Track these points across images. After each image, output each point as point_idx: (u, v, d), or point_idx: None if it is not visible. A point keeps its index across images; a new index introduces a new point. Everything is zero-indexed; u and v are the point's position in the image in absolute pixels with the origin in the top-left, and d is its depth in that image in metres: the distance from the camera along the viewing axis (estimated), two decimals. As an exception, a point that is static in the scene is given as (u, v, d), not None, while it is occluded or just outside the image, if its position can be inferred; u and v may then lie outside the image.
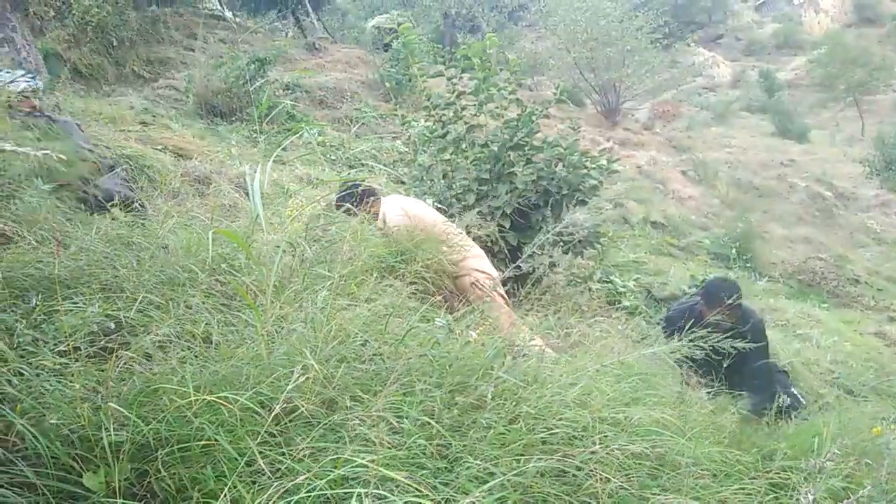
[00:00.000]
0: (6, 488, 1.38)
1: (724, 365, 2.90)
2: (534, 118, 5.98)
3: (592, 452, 1.76)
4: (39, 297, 1.99)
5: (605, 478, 1.68)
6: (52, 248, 2.22)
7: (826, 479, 1.81)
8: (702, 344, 2.52)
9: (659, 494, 1.69)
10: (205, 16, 12.94)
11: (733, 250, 11.34)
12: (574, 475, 1.77)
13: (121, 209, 3.15)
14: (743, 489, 1.80)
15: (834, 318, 9.71)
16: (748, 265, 11.12)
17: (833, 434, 2.48)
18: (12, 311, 1.92)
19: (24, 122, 3.44)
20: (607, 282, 6.26)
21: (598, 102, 20.13)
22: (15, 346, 1.74)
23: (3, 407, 1.52)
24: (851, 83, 30.67)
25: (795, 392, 4.04)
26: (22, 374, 1.63)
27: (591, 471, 1.73)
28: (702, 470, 1.84)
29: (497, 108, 6.16)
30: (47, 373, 1.65)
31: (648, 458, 1.82)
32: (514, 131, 5.99)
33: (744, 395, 2.84)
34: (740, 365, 3.18)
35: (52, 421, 1.51)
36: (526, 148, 6.00)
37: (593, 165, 6.03)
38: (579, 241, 5.66)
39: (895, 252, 14.67)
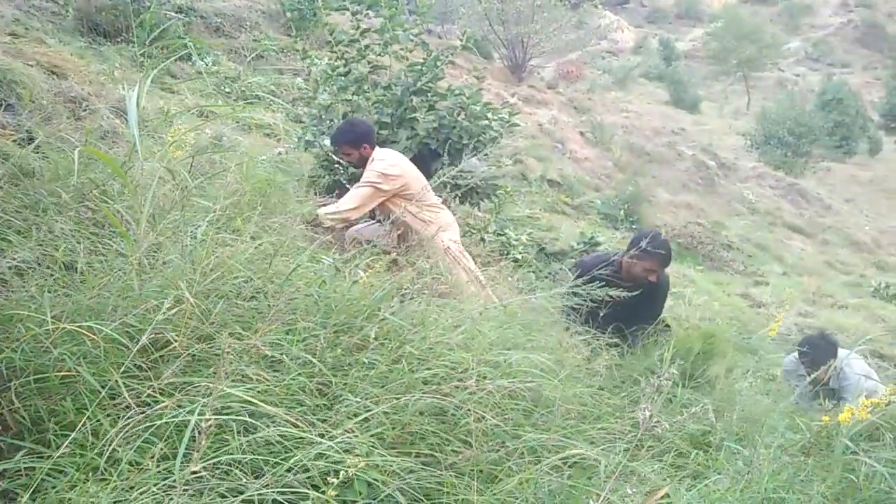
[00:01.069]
0: None
1: (615, 314, 3.01)
2: (439, 63, 5.89)
3: (470, 393, 1.81)
4: None
5: (481, 416, 1.72)
6: None
7: (672, 410, 1.94)
8: (593, 293, 2.58)
9: (531, 432, 1.76)
10: (89, -78, 11.73)
11: (622, 212, 11.87)
12: (453, 414, 1.81)
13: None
14: (608, 428, 1.91)
15: (706, 279, 10.44)
16: (634, 227, 11.68)
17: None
18: None
19: None
20: (501, 234, 6.37)
21: (506, 57, 20.16)
22: None
23: None
24: (742, 58, 32.38)
25: None
26: None
27: (469, 410, 1.77)
28: (572, 410, 1.94)
29: (402, 49, 6.02)
30: None
31: (524, 397, 1.89)
32: (418, 75, 5.88)
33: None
34: (634, 318, 3.29)
35: None
36: (429, 94, 5.92)
37: (495, 118, 6.04)
38: (476, 192, 5.73)
39: (766, 221, 15.86)
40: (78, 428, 1.28)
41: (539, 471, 1.58)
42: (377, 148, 4.18)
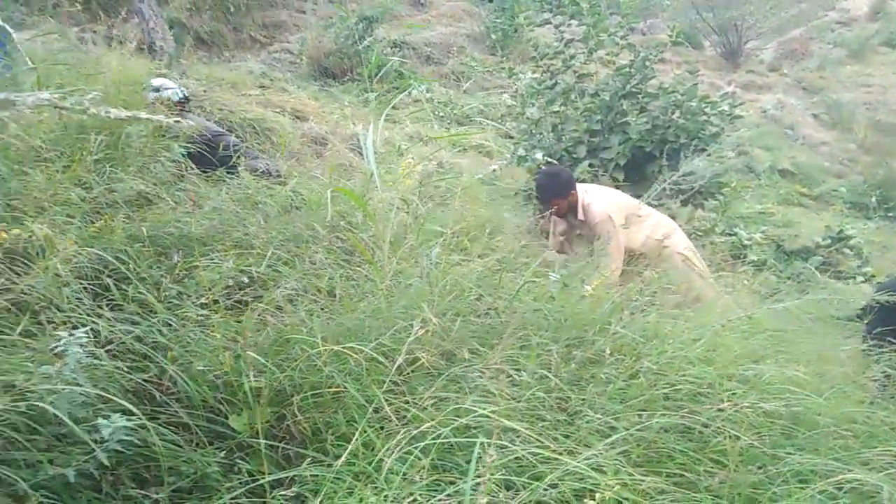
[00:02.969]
0: (164, 426, 1.52)
1: None
2: (647, 63, 5.69)
3: (720, 410, 1.70)
4: (180, 254, 2.14)
5: (735, 435, 1.61)
6: (188, 209, 2.37)
7: None
8: None
9: (794, 454, 1.61)
10: (314, -22, 13.19)
11: (873, 199, 10.41)
12: (700, 432, 1.72)
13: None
14: (890, 451, 1.68)
15: None
16: (890, 214, 10.19)
17: None
18: (157, 267, 2.09)
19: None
20: (731, 234, 5.94)
21: (718, 44, 18.84)
22: (162, 299, 1.89)
23: (157, 354, 1.67)
24: None
25: None
26: (170, 325, 1.78)
27: (719, 428, 1.67)
28: (841, 430, 1.74)
29: (608, 54, 5.91)
30: (192, 323, 1.79)
31: (781, 416, 1.73)
32: (626, 79, 5.74)
33: None
34: None
35: (198, 367, 1.63)
36: (640, 96, 5.74)
37: (713, 111, 5.68)
38: (699, 192, 5.41)
39: None
40: (353, 440, 1.43)
41: (810, 497, 1.44)
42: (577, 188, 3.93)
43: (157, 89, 3.99)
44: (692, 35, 18.00)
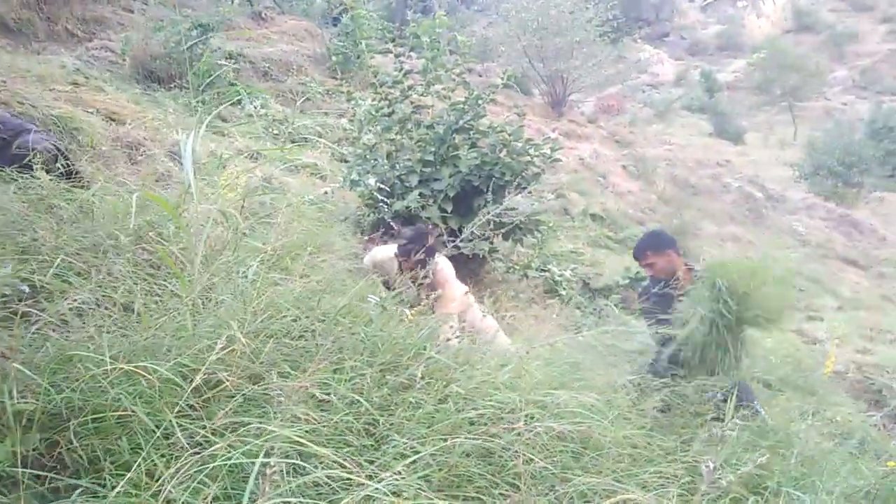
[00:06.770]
0: None
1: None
2: (480, 102, 5.98)
3: (518, 434, 1.78)
4: (-54, 256, 1.87)
5: (529, 458, 1.70)
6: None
7: (728, 454, 1.87)
8: None
9: (581, 475, 1.73)
10: (146, -25, 12.39)
11: (668, 245, 11.63)
12: (500, 455, 1.79)
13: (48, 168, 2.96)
14: (661, 472, 1.86)
15: (757, 313, 10.07)
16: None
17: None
18: (-85, 270, 1.80)
19: None
20: (545, 271, 6.34)
21: (546, 93, 20.27)
22: (-84, 307, 1.63)
23: None
24: (786, 88, 31.90)
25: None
26: (-77, 337, 1.54)
27: (516, 451, 1.75)
28: (623, 452, 1.89)
29: (444, 89, 6.14)
30: (-49, 336, 1.56)
31: (573, 439, 1.85)
32: (460, 114, 5.98)
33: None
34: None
35: (-46, 387, 1.42)
36: (471, 132, 6.00)
37: (536, 153, 6.08)
38: (518, 228, 5.72)
39: (818, 253, 15.37)
40: (133, 468, 1.31)
41: (591, 516, 1.54)
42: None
43: None
44: (523, 82, 19.21)
